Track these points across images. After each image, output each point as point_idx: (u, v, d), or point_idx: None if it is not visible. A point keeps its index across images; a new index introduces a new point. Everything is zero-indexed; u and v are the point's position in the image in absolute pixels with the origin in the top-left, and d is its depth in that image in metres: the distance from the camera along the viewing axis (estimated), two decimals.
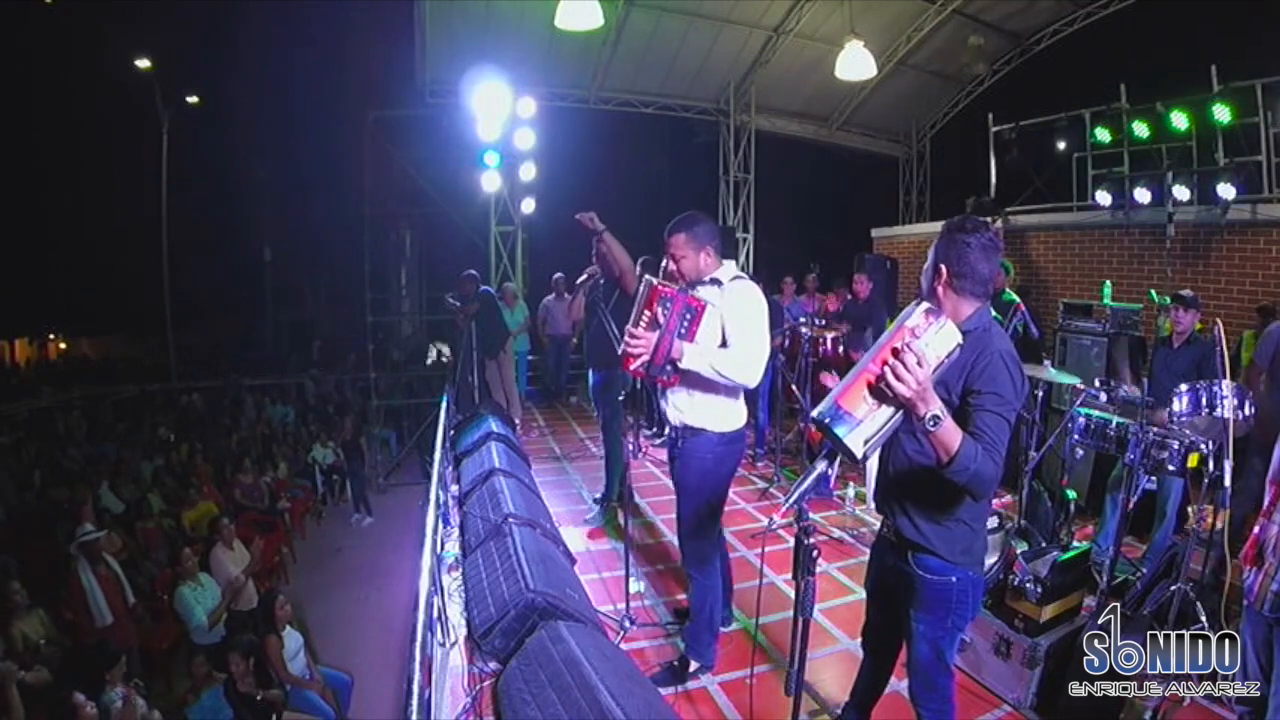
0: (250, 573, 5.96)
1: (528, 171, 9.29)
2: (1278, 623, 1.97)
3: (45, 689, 4.19)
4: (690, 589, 2.86)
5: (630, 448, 4.05)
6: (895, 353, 1.49)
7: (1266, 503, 1.98)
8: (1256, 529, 2.08)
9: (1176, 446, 3.10)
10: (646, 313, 2.60)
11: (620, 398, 3.35)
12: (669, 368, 2.58)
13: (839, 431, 1.52)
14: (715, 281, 2.64)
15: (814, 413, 1.57)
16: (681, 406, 2.70)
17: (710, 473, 2.71)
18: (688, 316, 2.56)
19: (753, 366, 2.55)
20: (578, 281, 4.30)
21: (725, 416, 2.69)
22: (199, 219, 18.55)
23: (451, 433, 5.70)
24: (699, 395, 2.66)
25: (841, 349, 5.59)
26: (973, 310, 1.81)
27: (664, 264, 4.03)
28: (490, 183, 8.74)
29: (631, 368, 2.63)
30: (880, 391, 1.51)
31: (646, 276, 2.72)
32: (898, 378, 1.47)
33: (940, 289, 1.82)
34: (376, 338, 10.59)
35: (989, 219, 7.67)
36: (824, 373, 4.95)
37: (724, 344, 2.59)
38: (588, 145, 11.51)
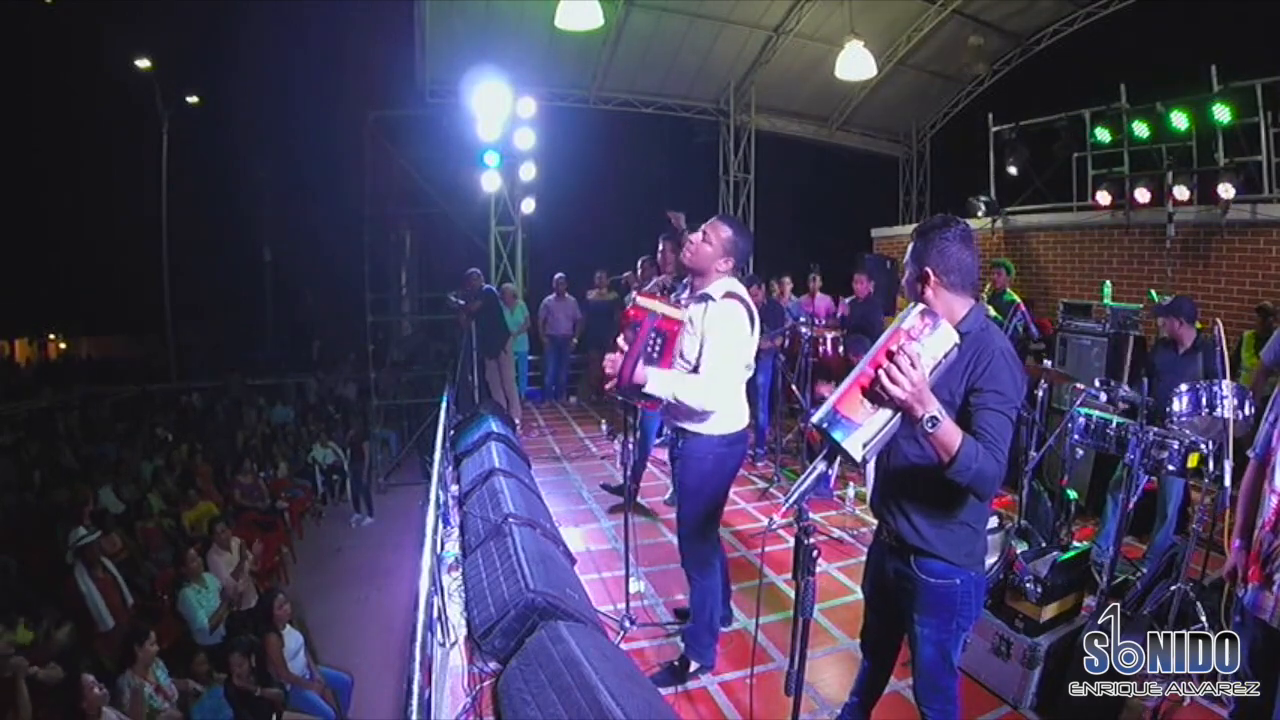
0: (247, 574, 5.97)
1: (528, 171, 9.29)
2: None
3: (58, 686, 4.19)
4: (689, 590, 2.86)
5: (623, 447, 4.06)
6: (890, 355, 1.50)
7: (1270, 514, 1.91)
8: (1236, 542, 2.05)
9: (1176, 446, 3.10)
10: (625, 334, 2.58)
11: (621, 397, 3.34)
12: (636, 393, 2.56)
13: (837, 436, 1.53)
14: (708, 298, 2.61)
15: (813, 419, 1.58)
16: (676, 411, 2.68)
17: (711, 475, 2.69)
18: (657, 341, 2.53)
19: (714, 395, 2.56)
20: (655, 281, 4.31)
21: (724, 418, 2.66)
22: (199, 219, 18.52)
23: (451, 433, 5.71)
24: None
25: (841, 350, 5.60)
26: (967, 309, 1.80)
27: (660, 248, 4.05)
28: (490, 183, 8.74)
29: (606, 388, 2.65)
30: (875, 394, 1.51)
31: (632, 294, 2.71)
32: (892, 380, 1.48)
33: (931, 292, 1.80)
34: (376, 338, 10.57)
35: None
36: (821, 383, 4.95)
37: (699, 359, 2.58)
38: (588, 145, 11.51)
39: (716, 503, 2.77)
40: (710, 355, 2.55)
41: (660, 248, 4.29)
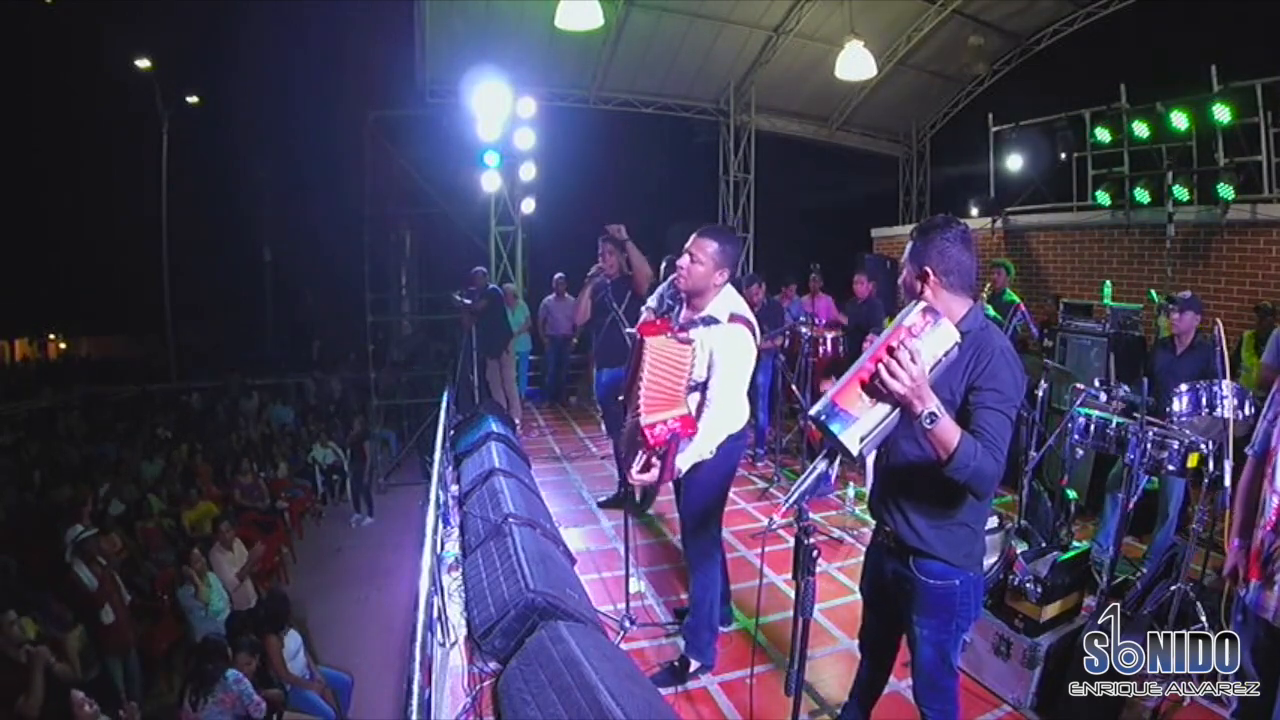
0: (247, 574, 5.96)
1: (528, 171, 9.29)
2: None
3: (66, 687, 4.18)
4: (691, 583, 2.87)
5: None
6: (890, 351, 1.50)
7: (1272, 514, 1.90)
8: (1235, 541, 2.05)
9: (1176, 446, 3.09)
10: (640, 455, 2.54)
11: (621, 398, 3.34)
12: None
13: (834, 429, 1.52)
14: (712, 320, 2.62)
15: (811, 411, 1.58)
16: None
17: (715, 468, 2.72)
18: (678, 444, 2.54)
19: (730, 421, 2.63)
20: (586, 279, 4.35)
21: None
22: (199, 219, 18.52)
23: (451, 433, 5.70)
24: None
25: (842, 349, 5.60)
26: (965, 309, 1.80)
27: (599, 250, 4.20)
28: (490, 183, 8.74)
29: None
30: (875, 389, 1.51)
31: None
32: (891, 374, 1.48)
33: (930, 292, 1.80)
34: (376, 338, 10.58)
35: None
36: (824, 381, 4.95)
37: (707, 377, 2.61)
38: (588, 145, 11.51)
39: (720, 495, 2.81)
40: (721, 381, 2.58)
41: (600, 250, 4.34)
